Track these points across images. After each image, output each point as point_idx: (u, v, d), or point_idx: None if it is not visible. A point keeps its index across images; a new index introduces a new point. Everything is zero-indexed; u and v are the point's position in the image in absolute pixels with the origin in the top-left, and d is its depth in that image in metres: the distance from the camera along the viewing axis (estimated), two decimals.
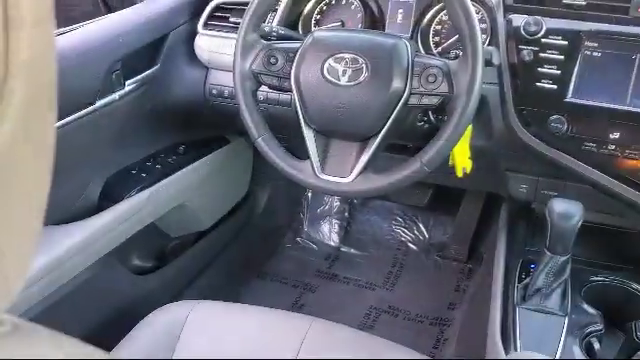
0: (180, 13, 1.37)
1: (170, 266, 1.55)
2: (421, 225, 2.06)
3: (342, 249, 2.07)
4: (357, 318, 1.73)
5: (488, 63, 1.02)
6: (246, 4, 1.07)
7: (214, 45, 1.36)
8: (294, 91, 1.03)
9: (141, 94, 1.30)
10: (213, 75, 1.42)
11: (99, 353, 0.31)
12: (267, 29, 1.14)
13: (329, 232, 2.12)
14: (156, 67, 1.34)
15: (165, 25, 1.33)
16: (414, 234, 2.06)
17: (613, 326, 1.04)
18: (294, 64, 1.03)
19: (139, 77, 1.29)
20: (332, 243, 2.09)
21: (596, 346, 0.97)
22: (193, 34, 1.39)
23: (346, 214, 2.14)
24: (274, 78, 1.06)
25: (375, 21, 1.30)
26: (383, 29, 1.30)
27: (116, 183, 1.31)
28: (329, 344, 1.03)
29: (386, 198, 2.07)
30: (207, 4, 1.38)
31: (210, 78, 1.42)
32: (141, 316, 1.10)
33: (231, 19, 1.35)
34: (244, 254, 1.90)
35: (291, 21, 1.32)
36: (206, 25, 1.38)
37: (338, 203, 2.16)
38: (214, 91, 1.41)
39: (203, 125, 1.54)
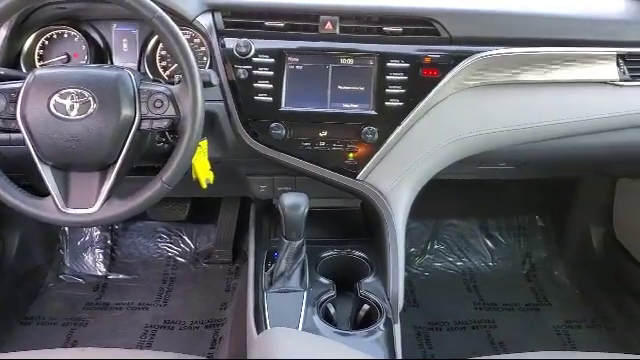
0: None
1: None
2: (186, 237, 2.15)
3: (110, 277, 2.06)
4: (134, 340, 1.76)
5: (207, 84, 1.14)
6: None
7: None
8: (23, 131, 1.03)
9: None
10: None
11: None
12: None
13: (94, 263, 2.09)
14: None
15: None
16: (180, 247, 2.14)
17: (346, 289, 1.25)
18: (18, 104, 1.03)
19: None
20: (99, 273, 2.07)
21: (332, 310, 1.16)
22: None
23: (109, 241, 2.13)
24: None
25: (101, 51, 1.34)
26: (111, 58, 1.34)
27: None
28: None
29: (147, 218, 2.11)
30: None
31: None
32: None
33: None
34: (1, 302, 1.79)
35: (11, 60, 1.29)
36: None
37: (99, 232, 2.13)
38: None
39: None
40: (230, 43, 1.23)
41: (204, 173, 1.25)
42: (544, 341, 1.82)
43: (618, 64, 1.34)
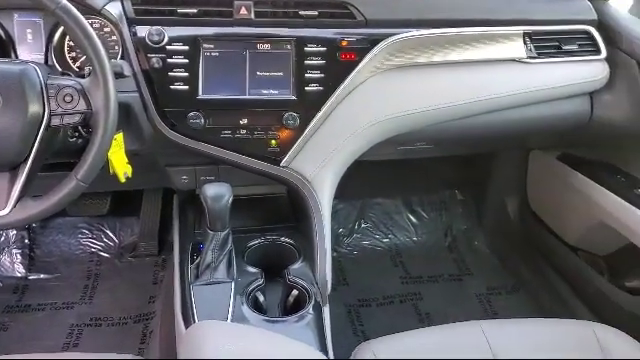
0: None
1: None
2: (109, 231, 2.09)
3: (30, 277, 1.97)
4: (59, 341, 1.70)
5: (120, 75, 1.10)
6: None
7: None
8: None
9: None
10: None
11: None
12: None
13: (11, 264, 1.99)
14: None
15: None
16: (103, 242, 2.07)
17: (276, 276, 1.25)
18: None
19: None
20: (17, 274, 1.98)
21: (260, 298, 1.16)
22: None
23: (27, 241, 2.03)
24: None
25: (3, 43, 1.26)
26: (15, 51, 1.27)
27: None
28: None
29: (66, 214, 2.03)
30: None
31: None
32: None
33: None
34: None
35: None
36: None
37: (15, 232, 2.03)
38: None
39: None
40: (142, 31, 1.19)
41: (122, 167, 1.21)
42: (467, 309, 1.91)
43: (525, 42, 1.40)
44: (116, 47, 1.25)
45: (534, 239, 2.01)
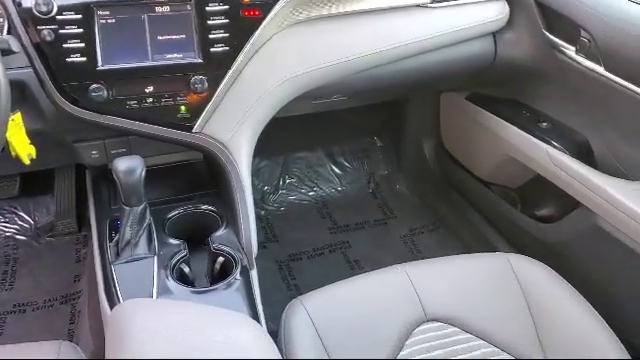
0: None
1: None
2: (22, 213, 1.99)
3: None
4: None
5: (8, 52, 1.03)
6: None
7: None
8: None
9: None
10: None
11: None
12: None
13: None
14: None
15: None
16: (18, 224, 1.97)
17: (200, 245, 1.24)
18: None
19: None
20: None
21: (186, 270, 1.15)
22: None
23: None
24: None
25: None
26: None
27: None
28: None
29: None
30: None
31: None
32: None
33: None
34: None
35: None
36: None
37: None
38: None
39: None
40: (27, 2, 1.11)
41: (24, 149, 1.14)
42: (394, 251, 1.98)
43: None
44: (1, 20, 1.16)
45: (450, 177, 2.09)
